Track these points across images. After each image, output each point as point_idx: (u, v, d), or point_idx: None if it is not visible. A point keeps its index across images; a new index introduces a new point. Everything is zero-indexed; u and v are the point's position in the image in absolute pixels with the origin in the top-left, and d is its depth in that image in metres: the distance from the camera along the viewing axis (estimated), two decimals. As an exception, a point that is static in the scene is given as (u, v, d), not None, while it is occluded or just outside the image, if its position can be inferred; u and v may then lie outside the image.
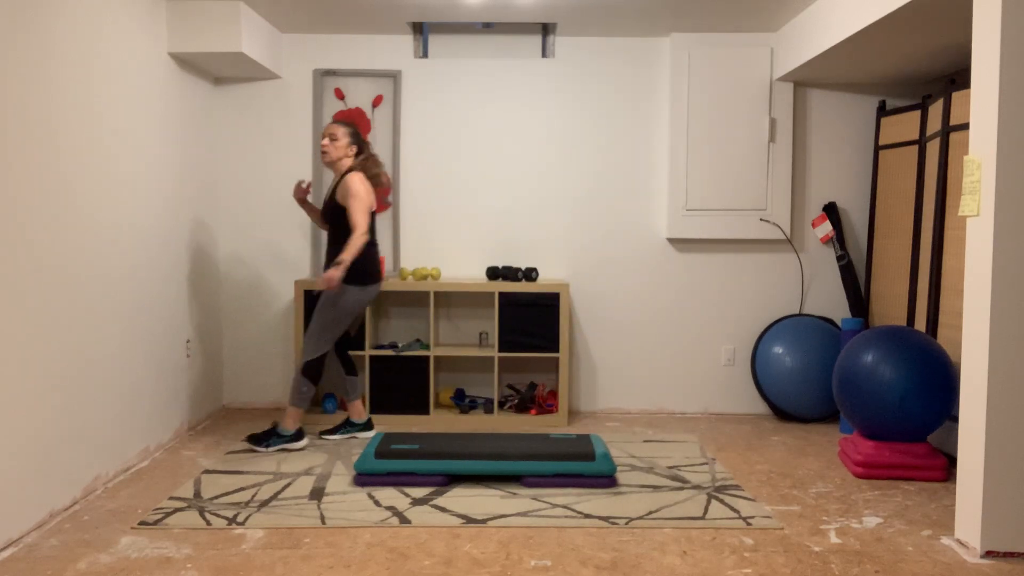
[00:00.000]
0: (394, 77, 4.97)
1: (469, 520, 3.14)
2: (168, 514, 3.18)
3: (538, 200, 5.02)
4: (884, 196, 4.74)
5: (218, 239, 5.01)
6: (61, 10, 3.21)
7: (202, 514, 3.18)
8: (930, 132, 4.25)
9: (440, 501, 3.35)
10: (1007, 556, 2.84)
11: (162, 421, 4.16)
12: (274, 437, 4.08)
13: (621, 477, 3.69)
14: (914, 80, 4.84)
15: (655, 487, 3.56)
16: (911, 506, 3.36)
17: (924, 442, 3.73)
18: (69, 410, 3.28)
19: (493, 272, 4.81)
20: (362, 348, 4.68)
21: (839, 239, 4.92)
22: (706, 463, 3.94)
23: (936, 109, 4.19)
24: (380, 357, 4.72)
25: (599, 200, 5.02)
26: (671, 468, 3.85)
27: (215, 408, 4.95)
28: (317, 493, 3.45)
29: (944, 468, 3.68)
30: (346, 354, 4.39)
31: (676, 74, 4.88)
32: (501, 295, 4.67)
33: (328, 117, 4.98)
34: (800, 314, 4.96)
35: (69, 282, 3.28)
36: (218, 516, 3.16)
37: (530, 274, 4.79)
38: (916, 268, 4.33)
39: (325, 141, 4.12)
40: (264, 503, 3.32)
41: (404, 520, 3.13)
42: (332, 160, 4.13)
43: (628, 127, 5.01)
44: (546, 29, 4.93)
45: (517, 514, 3.21)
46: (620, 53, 4.98)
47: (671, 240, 5.01)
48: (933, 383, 3.60)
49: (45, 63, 3.10)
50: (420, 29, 4.91)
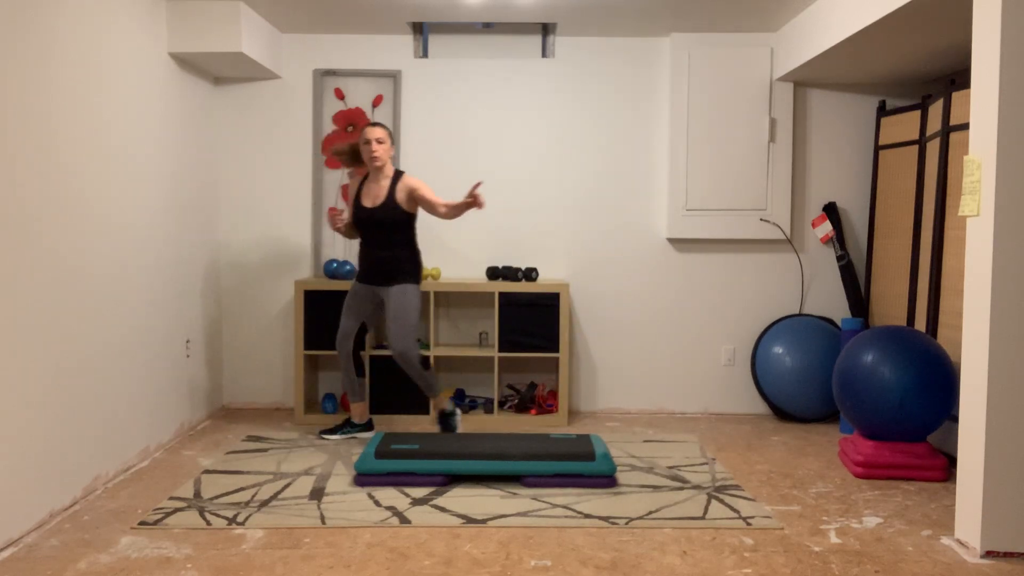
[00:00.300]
0: (394, 77, 4.97)
1: (469, 520, 3.14)
2: (168, 514, 3.18)
3: (538, 200, 5.02)
4: (884, 196, 4.74)
5: (218, 239, 5.01)
6: (61, 10, 3.21)
7: (202, 514, 3.18)
8: (930, 132, 4.25)
9: (440, 501, 3.35)
10: (1007, 556, 2.84)
11: (162, 421, 4.16)
12: (452, 418, 4.33)
13: (621, 477, 3.69)
14: (914, 80, 4.84)
15: (655, 487, 3.56)
16: (911, 506, 3.36)
17: (924, 442, 3.73)
18: (69, 410, 3.28)
19: (493, 272, 4.81)
20: (363, 348, 4.68)
21: (839, 239, 4.92)
22: (706, 463, 3.94)
23: (936, 109, 4.19)
24: (380, 357, 4.72)
25: (599, 200, 5.02)
26: (671, 468, 3.85)
27: (215, 408, 4.95)
28: (317, 493, 3.45)
29: (944, 468, 3.68)
30: (359, 355, 4.39)
31: (676, 74, 4.88)
32: (501, 295, 4.67)
33: (328, 117, 4.98)
34: (800, 314, 4.96)
35: (69, 282, 3.28)
36: (218, 516, 3.16)
37: (530, 274, 4.79)
38: (916, 268, 4.33)
39: (375, 145, 4.09)
40: (264, 503, 3.32)
41: (404, 520, 3.13)
42: (384, 163, 4.14)
43: (628, 127, 5.01)
44: (546, 29, 4.93)
45: (517, 514, 3.21)
46: (620, 53, 4.98)
47: (671, 240, 5.01)
48: (933, 383, 3.60)
49: (45, 63, 3.10)
50: (420, 29, 4.91)
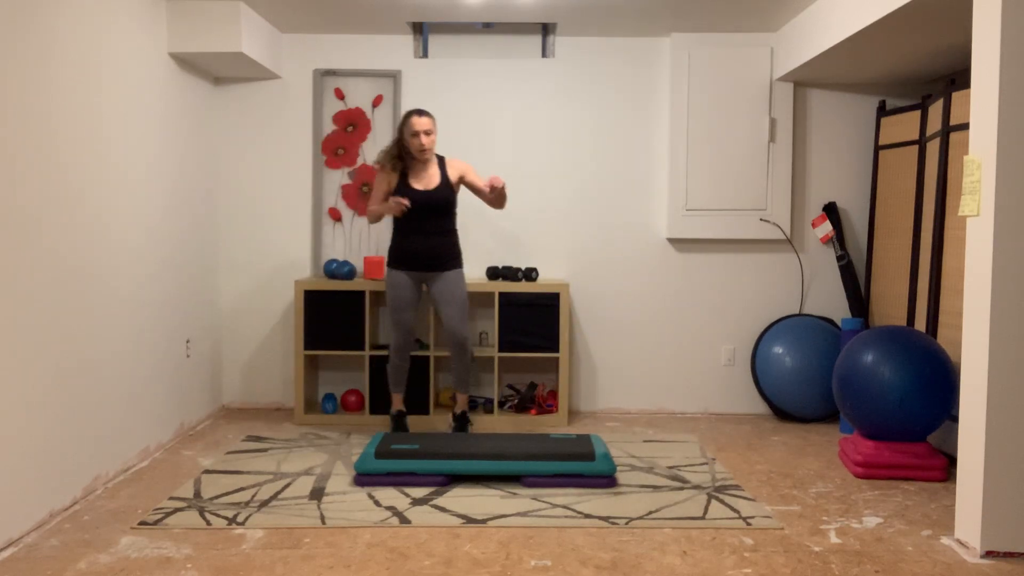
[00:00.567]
0: (394, 77, 4.97)
1: (469, 520, 3.14)
2: (168, 514, 3.18)
3: (538, 200, 5.01)
4: (884, 196, 4.74)
5: (218, 239, 5.01)
6: (61, 10, 3.21)
7: (202, 514, 3.18)
8: (930, 132, 4.25)
9: (440, 501, 3.35)
10: (1007, 556, 2.84)
11: (162, 421, 4.16)
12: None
13: (621, 477, 3.69)
14: (914, 80, 4.84)
15: (655, 487, 3.56)
16: (911, 506, 3.36)
17: (924, 442, 3.73)
18: (69, 410, 3.28)
19: (493, 272, 4.81)
20: (362, 348, 4.68)
21: (839, 239, 4.92)
22: (706, 463, 3.94)
23: (936, 109, 4.19)
24: (380, 357, 4.71)
25: (599, 200, 5.02)
26: (671, 468, 3.85)
27: (215, 408, 4.95)
28: (317, 493, 3.45)
29: (944, 468, 3.68)
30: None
31: (676, 74, 4.88)
32: (501, 295, 4.67)
33: (328, 117, 4.98)
34: (800, 314, 4.96)
35: (69, 281, 3.28)
36: (218, 516, 3.16)
37: (530, 274, 4.79)
38: (916, 268, 4.33)
39: (424, 137, 4.09)
40: (264, 503, 3.32)
41: (404, 520, 3.13)
42: (433, 153, 4.20)
43: (628, 127, 5.01)
44: (546, 29, 4.93)
45: (517, 514, 3.21)
46: (620, 53, 4.98)
47: (671, 240, 5.01)
48: (933, 383, 3.60)
49: (45, 63, 3.10)
50: (420, 29, 4.91)
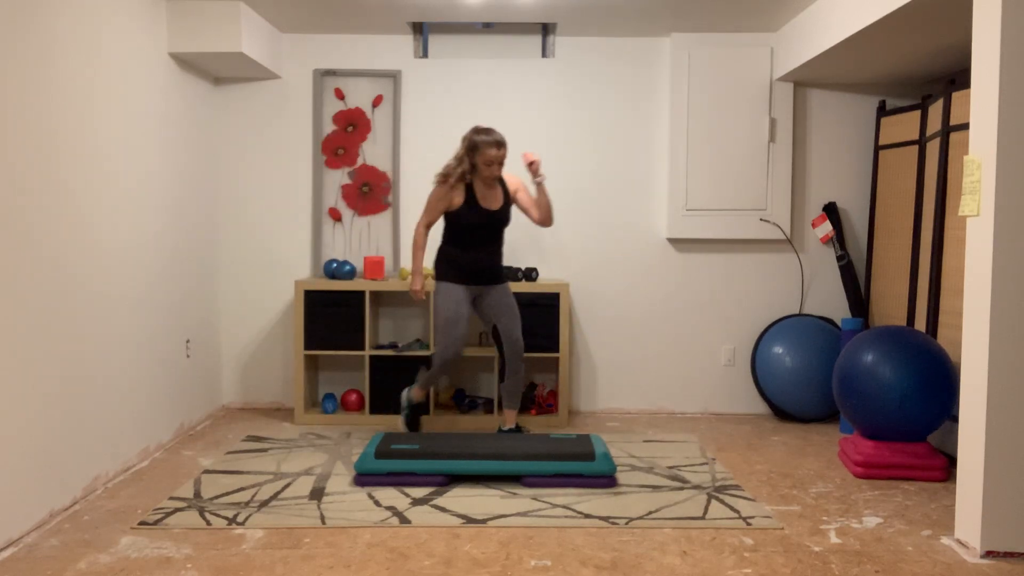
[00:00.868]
0: (394, 77, 4.96)
1: (469, 520, 3.14)
2: (168, 514, 3.18)
3: (538, 200, 5.01)
4: (884, 196, 4.73)
5: (218, 239, 5.01)
6: (61, 10, 3.21)
7: (202, 514, 3.18)
8: (930, 132, 4.25)
9: (440, 501, 3.35)
10: (1007, 556, 2.84)
11: (162, 421, 4.16)
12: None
13: (621, 477, 3.69)
14: (914, 80, 4.84)
15: (655, 487, 3.56)
16: (911, 506, 3.36)
17: (924, 442, 3.73)
18: (69, 410, 3.28)
19: (493, 272, 4.81)
20: (362, 348, 4.68)
21: (839, 239, 4.92)
22: (706, 463, 3.94)
23: (936, 109, 4.19)
24: (380, 357, 4.71)
25: (599, 200, 5.01)
26: (671, 468, 3.85)
27: (215, 408, 4.95)
28: (317, 493, 3.45)
29: (944, 468, 3.68)
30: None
31: (676, 74, 4.88)
32: (501, 295, 4.66)
33: (328, 117, 4.98)
34: (800, 314, 4.96)
35: (68, 282, 3.28)
36: (218, 516, 3.16)
37: (530, 274, 4.79)
38: (916, 268, 4.33)
39: (497, 168, 4.05)
40: (264, 503, 3.31)
41: (404, 520, 3.13)
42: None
43: (628, 127, 5.00)
44: (546, 29, 4.93)
45: (517, 514, 3.21)
46: (620, 53, 4.98)
47: (671, 240, 5.01)
48: (933, 383, 3.60)
49: (45, 63, 3.10)
50: (420, 29, 4.91)
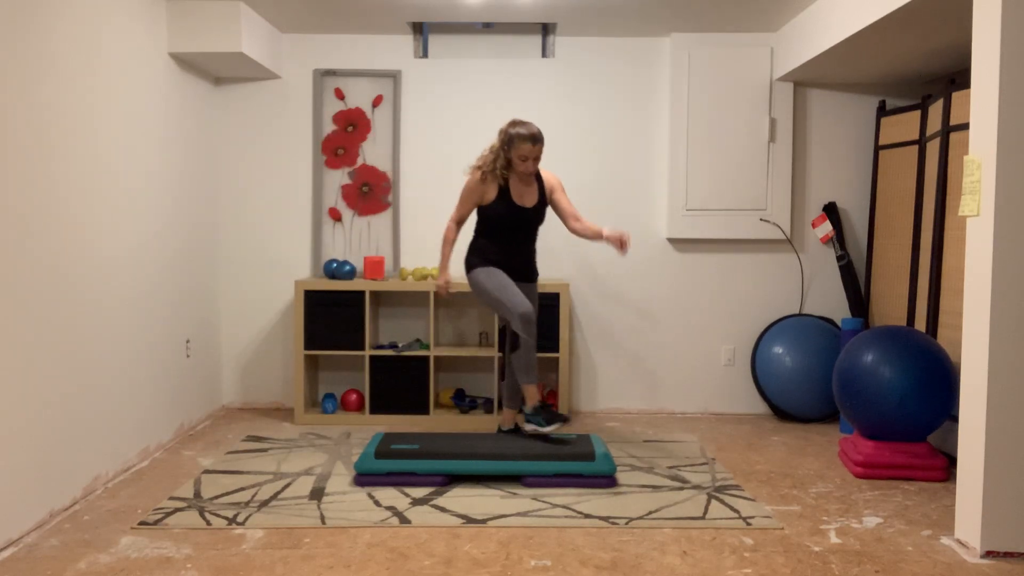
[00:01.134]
0: (394, 77, 4.96)
1: (469, 520, 3.14)
2: (168, 514, 3.18)
3: (538, 200, 5.01)
4: (884, 196, 4.73)
5: (218, 239, 5.00)
6: (61, 10, 3.21)
7: (202, 514, 3.18)
8: (930, 132, 4.25)
9: (440, 501, 3.35)
10: (1007, 556, 2.84)
11: (162, 421, 4.16)
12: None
13: (621, 477, 3.69)
14: (914, 80, 4.84)
15: (655, 487, 3.56)
16: (911, 506, 3.36)
17: (924, 442, 3.73)
18: (69, 410, 3.28)
19: (493, 272, 4.80)
20: (362, 348, 4.68)
21: (839, 239, 4.92)
22: (706, 463, 3.94)
23: (936, 109, 4.19)
24: (380, 357, 4.71)
25: (599, 200, 5.01)
26: (671, 468, 3.85)
27: (215, 408, 4.95)
28: (317, 493, 3.44)
29: (944, 468, 3.68)
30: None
31: (676, 74, 4.87)
32: (501, 295, 4.66)
33: (328, 117, 4.98)
34: (800, 314, 4.96)
35: (69, 281, 3.28)
36: (218, 516, 3.16)
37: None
38: (916, 268, 4.33)
39: (532, 163, 3.91)
40: (264, 503, 3.31)
41: (404, 520, 3.13)
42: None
43: (628, 127, 5.00)
44: (546, 29, 4.93)
45: (517, 514, 3.21)
46: (620, 53, 4.97)
47: (671, 240, 5.01)
48: (933, 383, 3.60)
49: (45, 63, 3.10)
50: (420, 29, 4.91)
